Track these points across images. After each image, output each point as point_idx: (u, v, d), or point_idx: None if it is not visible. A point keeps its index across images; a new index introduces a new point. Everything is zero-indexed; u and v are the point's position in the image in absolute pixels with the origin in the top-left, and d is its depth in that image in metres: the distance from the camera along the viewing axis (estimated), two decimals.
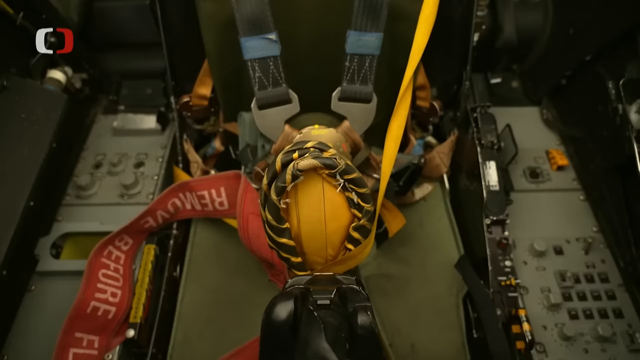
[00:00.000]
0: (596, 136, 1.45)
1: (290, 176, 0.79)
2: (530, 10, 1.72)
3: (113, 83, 1.81)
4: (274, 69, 1.10)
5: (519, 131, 1.52)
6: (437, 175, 1.59)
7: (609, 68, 1.42)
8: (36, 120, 1.36)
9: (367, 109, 1.18)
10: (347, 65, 1.11)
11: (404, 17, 1.22)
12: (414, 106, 1.53)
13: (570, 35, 1.55)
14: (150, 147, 1.67)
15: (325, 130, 1.13)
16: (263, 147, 1.26)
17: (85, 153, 1.66)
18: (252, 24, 1.05)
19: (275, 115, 1.16)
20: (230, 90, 1.40)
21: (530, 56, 1.76)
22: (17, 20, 1.36)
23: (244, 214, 1.20)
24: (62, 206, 1.52)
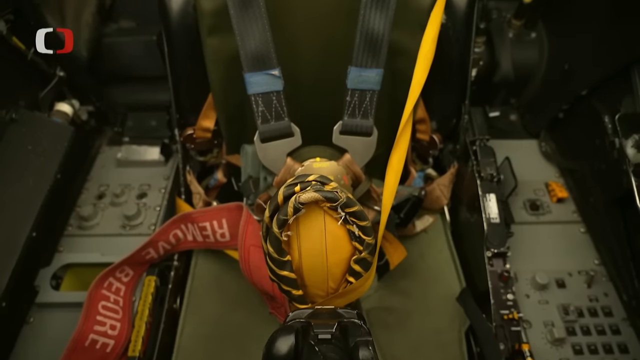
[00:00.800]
0: (595, 169, 1.46)
1: (292, 209, 0.80)
2: (526, 47, 1.77)
3: (118, 115, 1.85)
4: (276, 103, 1.12)
5: (518, 164, 1.53)
6: (437, 207, 1.60)
7: (605, 103, 1.45)
8: (42, 151, 1.39)
9: (368, 142, 1.20)
10: (348, 100, 1.14)
11: (404, 53, 1.26)
12: (414, 139, 1.55)
13: (566, 70, 1.59)
14: (153, 178, 1.69)
15: (326, 163, 1.15)
16: (265, 179, 1.27)
17: (89, 184, 1.68)
18: (256, 60, 1.08)
19: (278, 148, 1.18)
20: (234, 123, 1.43)
21: (527, 91, 1.81)
22: (28, 56, 1.40)
23: (245, 245, 1.20)
24: (64, 237, 1.52)
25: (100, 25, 1.70)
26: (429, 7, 1.18)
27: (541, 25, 1.79)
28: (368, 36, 1.07)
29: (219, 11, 1.17)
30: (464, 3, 1.31)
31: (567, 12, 1.63)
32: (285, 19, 1.19)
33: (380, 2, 1.04)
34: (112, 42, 1.73)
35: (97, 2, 1.65)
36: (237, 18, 1.05)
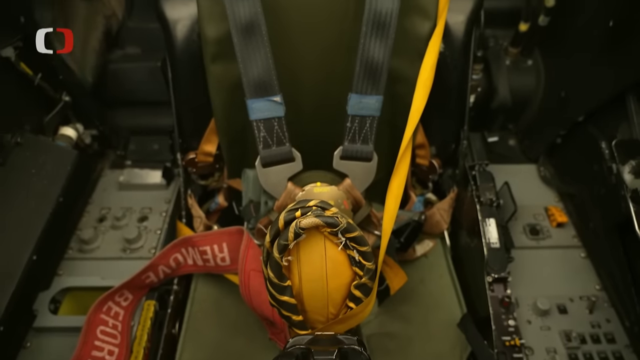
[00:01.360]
0: (593, 194, 1.47)
1: (293, 234, 0.80)
2: (522, 74, 1.80)
3: (121, 139, 1.87)
4: (278, 129, 1.14)
5: (517, 188, 1.54)
6: (437, 232, 1.60)
7: (602, 128, 1.47)
8: (46, 175, 1.40)
9: (368, 167, 1.21)
10: (348, 126, 1.16)
11: (403, 80, 1.28)
12: (414, 164, 1.56)
13: (562, 97, 1.62)
14: (154, 201, 1.70)
15: (327, 188, 1.16)
16: (266, 203, 1.28)
17: (90, 207, 1.69)
18: (258, 86, 1.11)
19: (279, 172, 1.19)
20: (235, 148, 1.45)
21: (525, 116, 1.83)
22: (35, 81, 1.43)
23: (245, 270, 1.20)
24: (64, 260, 1.52)
25: (106, 52, 1.74)
26: (427, 35, 1.21)
27: (537, 53, 1.83)
28: (368, 64, 1.10)
29: (223, 39, 1.20)
30: (462, 32, 1.35)
31: (562, 40, 1.67)
32: (287, 47, 1.22)
33: (380, 31, 1.07)
34: (117, 68, 1.77)
35: (104, 29, 1.70)
36: (240, 46, 1.08)
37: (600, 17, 1.40)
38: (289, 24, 1.19)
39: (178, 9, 1.32)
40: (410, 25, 1.21)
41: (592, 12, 1.49)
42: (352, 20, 1.18)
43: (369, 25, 1.06)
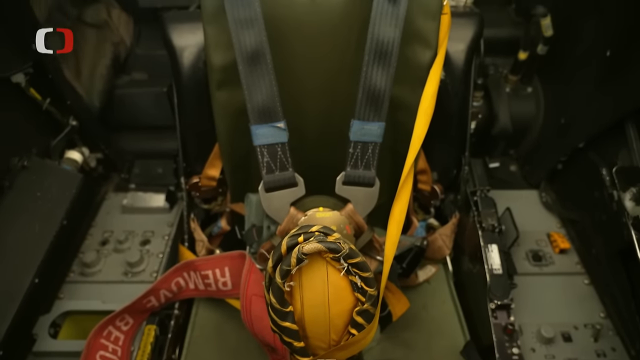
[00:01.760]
0: (595, 220, 1.47)
1: (295, 259, 0.81)
2: (522, 101, 1.83)
3: (126, 162, 1.89)
4: (281, 154, 1.16)
5: (519, 214, 1.55)
6: (440, 257, 1.60)
7: (602, 155, 1.48)
8: (51, 198, 1.41)
9: (370, 192, 1.22)
10: (350, 152, 1.17)
11: (404, 107, 1.30)
12: (416, 189, 1.57)
13: (562, 124, 1.64)
14: (157, 224, 1.71)
15: (329, 213, 1.17)
16: (268, 228, 1.29)
17: (94, 230, 1.70)
18: (262, 113, 1.13)
19: (282, 197, 1.20)
20: (239, 173, 1.46)
21: (526, 142, 1.85)
22: (43, 106, 1.46)
23: (247, 295, 1.20)
24: (65, 283, 1.52)
25: (113, 77, 1.77)
26: (428, 64, 1.24)
27: (537, 81, 1.85)
28: (370, 91, 1.12)
29: (228, 67, 1.23)
30: (462, 60, 1.38)
31: (561, 68, 1.70)
32: (291, 75, 1.24)
33: (382, 60, 1.09)
34: (123, 93, 1.80)
35: (112, 55, 1.74)
36: (245, 74, 1.10)
37: (598, 47, 1.43)
38: (293, 54, 1.22)
39: (185, 37, 1.35)
40: (411, 54, 1.23)
41: (589, 42, 1.52)
42: (355, 49, 1.20)
43: (371, 54, 1.08)
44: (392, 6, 1.04)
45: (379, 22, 1.05)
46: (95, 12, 1.71)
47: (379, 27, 1.06)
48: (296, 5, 1.16)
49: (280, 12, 1.16)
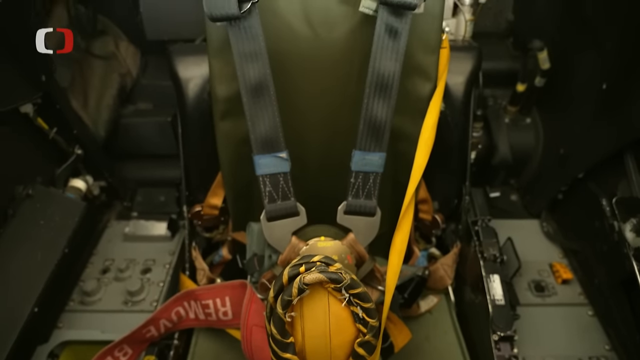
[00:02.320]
0: (597, 251, 1.47)
1: (297, 290, 0.81)
2: (522, 131, 1.85)
3: (128, 190, 1.91)
4: (283, 184, 1.17)
5: (521, 244, 1.55)
6: (441, 287, 1.59)
7: (602, 185, 1.49)
8: (54, 226, 1.42)
9: (372, 222, 1.23)
10: (352, 182, 1.18)
11: (405, 137, 1.32)
12: (417, 218, 1.58)
13: (562, 154, 1.66)
14: (158, 253, 1.71)
15: (330, 243, 1.17)
16: (270, 257, 1.29)
17: (95, 258, 1.70)
18: (265, 143, 1.14)
19: (283, 227, 1.21)
20: (241, 201, 1.47)
21: (526, 172, 1.86)
22: (50, 135, 1.48)
23: (247, 325, 1.19)
24: (65, 312, 1.51)
25: (119, 107, 1.81)
26: (428, 96, 1.26)
27: (535, 112, 1.88)
28: (371, 123, 1.14)
29: (232, 98, 1.26)
30: (461, 92, 1.40)
31: (559, 100, 1.73)
32: (293, 107, 1.27)
33: (383, 92, 1.12)
34: (128, 122, 1.84)
35: (119, 86, 1.78)
36: (249, 105, 1.12)
37: (594, 80, 1.46)
38: (295, 87, 1.25)
39: (190, 69, 1.39)
40: (411, 86, 1.26)
41: (585, 75, 1.55)
42: (356, 81, 1.23)
43: (372, 86, 1.11)
44: (392, 41, 1.07)
45: (379, 56, 1.08)
46: (104, 44, 1.75)
47: (379, 61, 1.08)
48: (299, 40, 1.19)
49: (284, 46, 1.19)
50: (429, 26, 1.19)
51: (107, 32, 1.77)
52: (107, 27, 1.77)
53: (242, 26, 1.05)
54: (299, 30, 1.18)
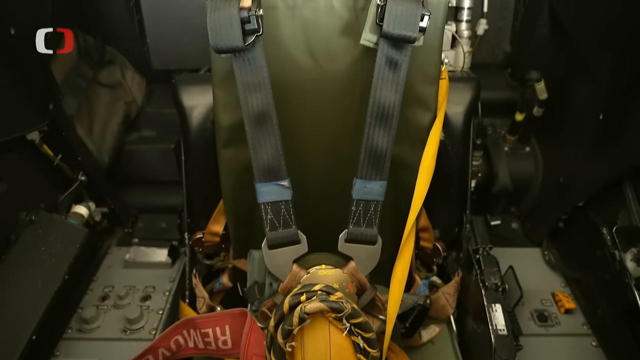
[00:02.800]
0: (599, 280, 1.46)
1: (298, 319, 0.81)
2: (521, 160, 1.87)
3: (130, 216, 1.91)
4: (285, 212, 1.18)
5: (523, 273, 1.54)
6: (443, 317, 1.57)
7: (602, 214, 1.49)
8: (55, 253, 1.42)
9: (373, 250, 1.23)
10: (353, 210, 1.19)
11: (405, 166, 1.34)
12: (418, 247, 1.58)
13: (561, 183, 1.67)
14: (158, 280, 1.70)
15: (331, 271, 1.17)
16: (271, 285, 1.28)
17: (94, 284, 1.69)
18: (267, 171, 1.16)
19: (284, 254, 1.21)
20: (242, 229, 1.48)
21: (526, 200, 1.87)
22: (54, 162, 1.50)
23: (247, 354, 1.18)
24: (63, 340, 1.49)
25: (123, 134, 1.83)
26: (428, 125, 1.29)
27: (534, 140, 1.91)
28: (372, 152, 1.15)
29: (235, 126, 1.28)
30: (461, 122, 1.43)
31: (557, 130, 1.76)
32: (295, 136, 1.29)
33: (383, 122, 1.14)
34: (132, 149, 1.86)
35: (124, 114, 1.81)
36: (252, 134, 1.14)
37: (591, 110, 1.48)
38: (297, 117, 1.27)
39: (195, 98, 1.41)
40: (411, 116, 1.28)
41: (582, 106, 1.58)
42: (357, 111, 1.26)
43: (373, 116, 1.12)
44: (392, 72, 1.10)
45: (380, 87, 1.10)
46: (111, 73, 1.79)
47: (380, 92, 1.10)
48: (302, 71, 1.22)
49: (287, 77, 1.22)
50: (429, 58, 1.22)
51: (114, 62, 1.82)
52: (114, 56, 1.82)
53: (246, 58, 1.07)
54: (302, 62, 1.21)
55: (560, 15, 1.64)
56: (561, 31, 1.65)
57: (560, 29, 1.66)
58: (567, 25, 1.60)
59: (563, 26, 1.63)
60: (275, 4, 1.17)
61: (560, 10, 1.64)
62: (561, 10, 1.63)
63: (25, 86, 1.32)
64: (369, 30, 1.09)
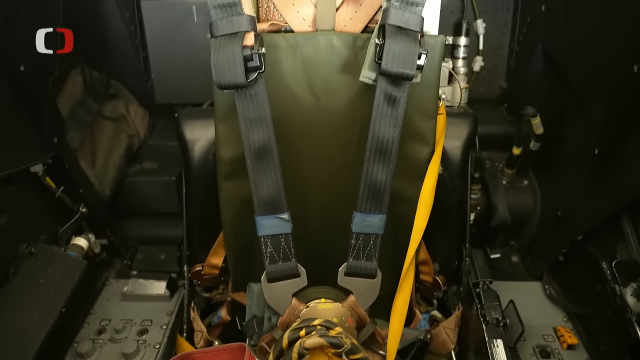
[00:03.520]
0: (600, 315, 1.45)
1: (297, 355, 0.81)
2: (519, 193, 1.88)
3: (129, 248, 1.91)
4: (284, 245, 1.18)
5: (524, 307, 1.52)
6: (444, 352, 1.55)
7: (601, 248, 1.49)
8: (53, 285, 1.41)
9: (372, 284, 1.23)
10: (352, 243, 1.20)
11: (404, 199, 1.35)
12: (418, 280, 1.57)
13: (559, 216, 1.67)
14: (156, 313, 1.68)
15: (331, 305, 1.16)
16: (270, 319, 1.27)
17: (91, 317, 1.67)
18: (267, 205, 1.17)
19: (284, 288, 1.21)
20: (242, 261, 1.47)
21: (525, 234, 1.87)
22: (56, 194, 1.51)
23: None
24: None
25: (125, 167, 1.85)
26: (427, 159, 1.31)
27: (532, 174, 1.92)
28: (371, 185, 1.17)
29: (236, 160, 1.30)
30: (459, 156, 1.44)
31: (554, 163, 1.78)
32: (296, 170, 1.31)
33: (382, 156, 1.16)
34: (133, 181, 1.87)
35: (126, 146, 1.83)
36: (252, 167, 1.16)
37: (586, 146, 1.51)
38: (298, 152, 1.30)
39: (197, 132, 1.44)
40: (410, 150, 1.31)
41: (578, 141, 1.60)
42: (357, 146, 1.28)
43: (372, 151, 1.15)
44: (391, 108, 1.13)
45: (379, 123, 1.13)
46: (115, 106, 1.83)
47: (379, 127, 1.13)
48: (303, 107, 1.25)
49: (288, 113, 1.25)
50: (426, 94, 1.26)
51: (118, 96, 1.85)
52: (118, 90, 1.85)
53: (249, 94, 1.10)
54: (303, 98, 1.25)
55: (553, 55, 1.69)
56: (555, 69, 1.69)
57: (553, 67, 1.70)
58: (560, 63, 1.65)
59: (556, 64, 1.67)
60: (277, 43, 1.20)
61: (552, 49, 1.69)
62: (554, 50, 1.68)
63: (31, 120, 1.35)
64: (368, 68, 1.12)
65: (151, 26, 1.75)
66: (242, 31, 1.05)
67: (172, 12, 1.73)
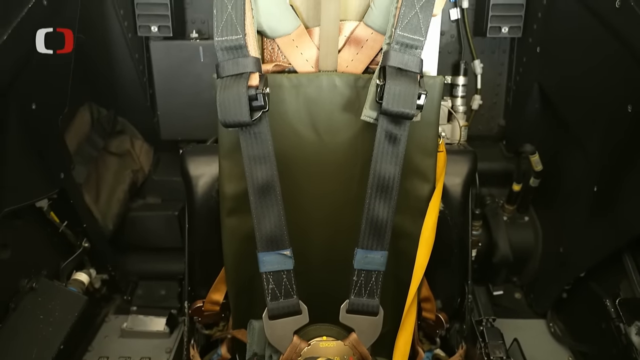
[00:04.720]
0: (606, 354, 1.42)
1: None
2: (520, 229, 1.89)
3: (130, 283, 1.90)
4: (286, 281, 1.18)
5: (528, 346, 1.50)
6: None
7: (604, 285, 1.48)
8: (53, 321, 1.41)
9: (374, 321, 1.21)
10: (354, 280, 1.19)
11: (406, 236, 1.35)
12: (421, 317, 1.55)
13: (561, 253, 1.67)
14: (155, 350, 1.66)
15: (333, 343, 1.15)
16: (270, 357, 1.25)
17: (89, 355, 1.65)
18: (269, 241, 1.17)
19: (285, 325, 1.20)
20: (243, 298, 1.46)
21: (528, 270, 1.86)
22: (60, 228, 1.52)
23: None
24: None
25: (129, 202, 1.87)
26: (427, 196, 1.32)
27: (532, 210, 1.93)
28: (373, 222, 1.17)
29: (239, 196, 1.31)
30: (459, 192, 1.46)
31: (554, 200, 1.79)
32: (298, 207, 1.31)
33: (384, 193, 1.17)
34: (136, 216, 1.88)
35: (130, 181, 1.85)
36: (255, 204, 1.17)
37: (584, 183, 1.52)
38: (300, 188, 1.31)
39: (201, 168, 1.46)
40: (411, 187, 1.32)
41: (576, 178, 1.62)
42: (358, 183, 1.30)
43: (374, 188, 1.16)
44: (392, 146, 1.15)
45: (380, 160, 1.15)
46: (120, 142, 1.86)
47: (380, 165, 1.15)
48: (305, 144, 1.28)
49: (291, 150, 1.27)
50: (426, 132, 1.28)
51: (124, 132, 1.89)
52: (125, 127, 1.90)
53: (253, 132, 1.13)
54: (305, 136, 1.27)
55: (549, 94, 1.73)
56: (551, 107, 1.73)
57: (550, 106, 1.74)
58: (556, 102, 1.69)
59: (553, 103, 1.71)
60: (281, 83, 1.24)
61: (548, 89, 1.73)
62: (549, 89, 1.73)
63: (39, 156, 1.37)
64: (369, 107, 1.15)
65: (159, 66, 1.81)
66: (247, 72, 1.09)
67: (179, 52, 1.80)
